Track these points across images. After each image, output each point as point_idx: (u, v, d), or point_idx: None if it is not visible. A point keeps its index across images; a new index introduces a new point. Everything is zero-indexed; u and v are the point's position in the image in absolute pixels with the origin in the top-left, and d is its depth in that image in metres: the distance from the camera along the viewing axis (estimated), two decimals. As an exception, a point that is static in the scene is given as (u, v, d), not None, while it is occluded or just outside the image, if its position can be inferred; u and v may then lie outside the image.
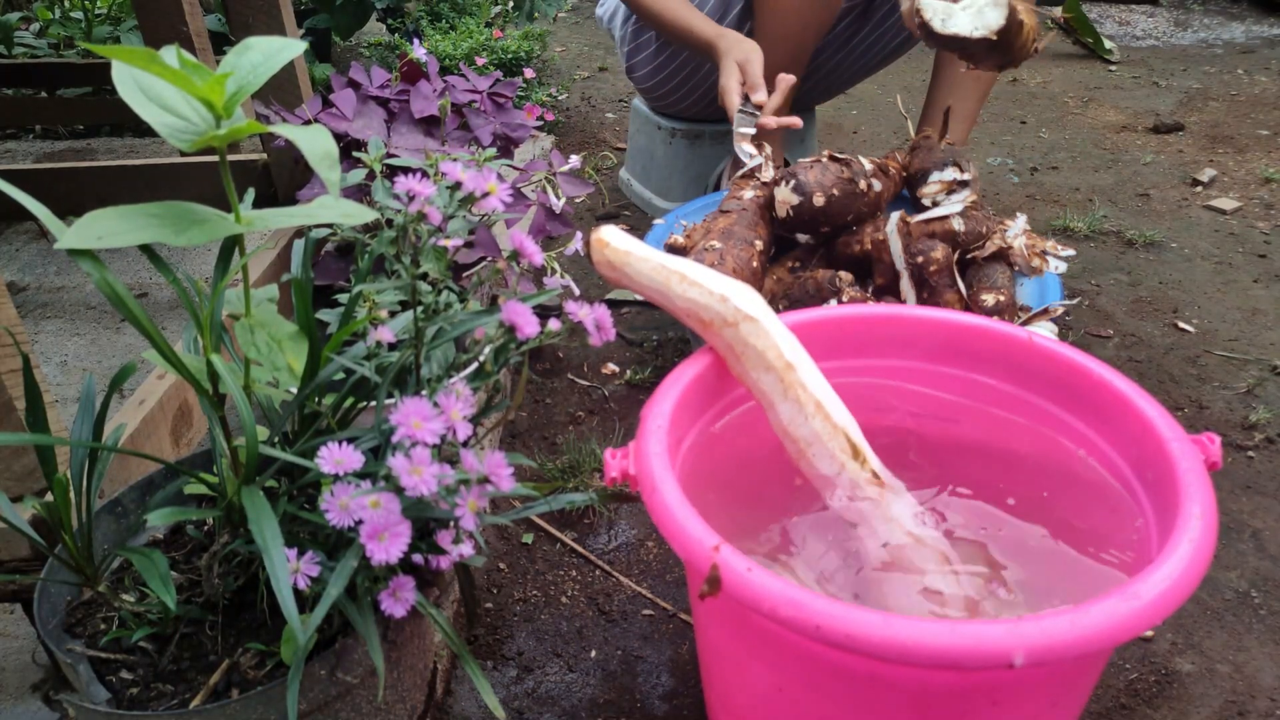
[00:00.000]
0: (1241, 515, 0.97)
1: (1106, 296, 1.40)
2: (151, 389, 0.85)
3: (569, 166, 1.10)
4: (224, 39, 2.11)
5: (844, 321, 0.74)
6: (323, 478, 0.54)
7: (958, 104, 1.32)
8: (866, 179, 1.08)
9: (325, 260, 1.02)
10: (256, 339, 0.54)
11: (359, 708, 0.61)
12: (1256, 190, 1.77)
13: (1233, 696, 0.77)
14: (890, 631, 0.44)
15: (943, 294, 1.01)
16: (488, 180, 0.57)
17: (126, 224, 0.45)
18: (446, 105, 1.07)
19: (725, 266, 1.00)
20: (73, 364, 1.25)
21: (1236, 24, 3.05)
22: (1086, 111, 2.28)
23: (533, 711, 0.77)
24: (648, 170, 1.70)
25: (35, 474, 0.69)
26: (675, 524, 0.52)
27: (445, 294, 0.61)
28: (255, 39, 0.49)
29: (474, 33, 2.33)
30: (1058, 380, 0.68)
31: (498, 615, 0.87)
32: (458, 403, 0.52)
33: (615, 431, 1.12)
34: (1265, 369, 1.21)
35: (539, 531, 0.97)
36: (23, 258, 1.54)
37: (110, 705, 0.56)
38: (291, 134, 0.46)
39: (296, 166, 1.25)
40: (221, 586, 0.60)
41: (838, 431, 0.64)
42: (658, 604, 0.88)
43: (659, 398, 0.63)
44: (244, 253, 0.52)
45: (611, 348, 1.30)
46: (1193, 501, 0.52)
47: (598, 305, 0.58)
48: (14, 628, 0.82)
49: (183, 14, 1.25)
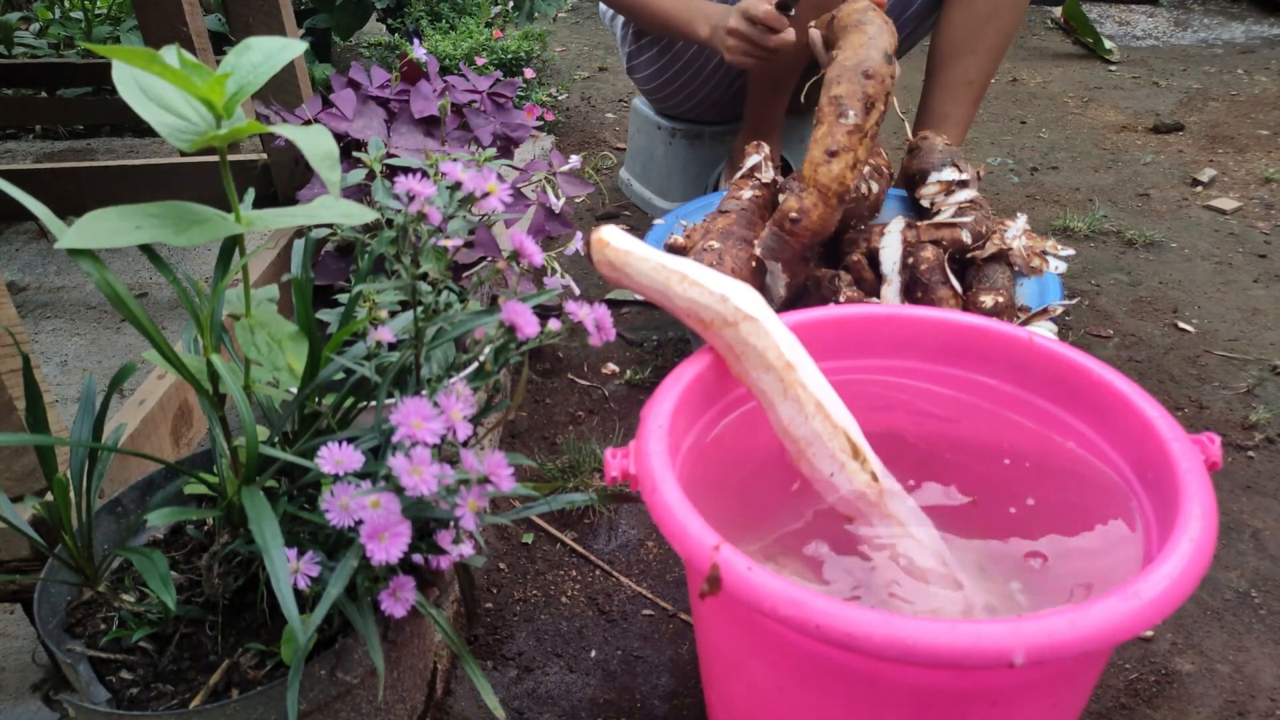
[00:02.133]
0: (1241, 515, 0.97)
1: (1106, 296, 1.40)
2: (151, 389, 0.85)
3: (569, 166, 1.10)
4: (224, 39, 2.11)
5: (844, 321, 0.74)
6: (323, 478, 0.54)
7: (952, 107, 1.31)
8: (866, 182, 1.09)
9: (325, 260, 1.02)
10: (256, 339, 0.54)
11: (359, 708, 0.61)
12: (1256, 190, 1.77)
13: (1233, 696, 0.77)
14: (890, 631, 0.44)
15: (936, 290, 1.01)
16: (488, 180, 0.57)
17: (126, 224, 0.45)
18: (446, 105, 1.07)
19: (724, 266, 1.00)
20: (73, 364, 1.25)
21: (1236, 24, 3.05)
22: (1086, 111, 2.28)
23: (533, 711, 0.77)
24: (648, 170, 1.70)
25: (35, 474, 0.69)
26: (675, 524, 0.52)
27: (445, 294, 0.61)
28: (255, 39, 0.49)
29: (474, 33, 2.33)
30: (1058, 380, 0.68)
31: (498, 615, 0.87)
32: (458, 403, 0.52)
33: (615, 431, 1.12)
34: (1265, 369, 1.21)
35: (539, 531, 0.97)
36: (23, 258, 1.54)
37: (110, 705, 0.56)
38: (291, 134, 0.46)
39: (296, 166, 1.25)
40: (221, 586, 0.60)
41: (838, 431, 0.64)
42: (658, 604, 0.88)
43: (659, 398, 0.63)
44: (244, 253, 0.52)
45: (611, 348, 1.30)
46: (1193, 501, 0.52)
47: (598, 305, 0.58)
48: (14, 628, 0.82)
49: (183, 14, 1.25)
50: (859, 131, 0.94)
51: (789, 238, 0.96)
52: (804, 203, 0.94)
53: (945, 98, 1.32)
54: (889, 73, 0.96)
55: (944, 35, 1.30)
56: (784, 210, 0.95)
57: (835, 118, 0.94)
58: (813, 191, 0.94)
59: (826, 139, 0.94)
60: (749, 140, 1.43)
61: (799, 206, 0.94)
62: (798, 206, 0.94)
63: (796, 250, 0.97)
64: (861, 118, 0.93)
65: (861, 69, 0.95)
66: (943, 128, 1.31)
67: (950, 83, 1.30)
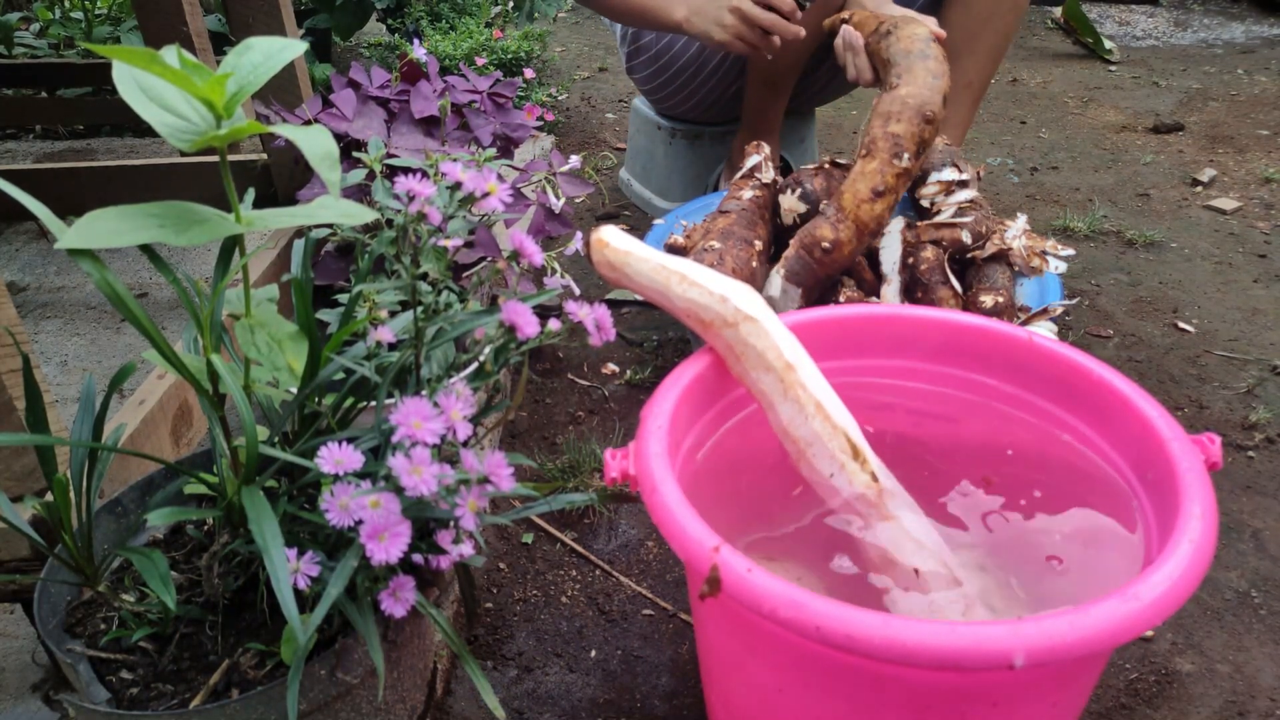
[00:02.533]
0: (1241, 515, 0.97)
1: (1106, 296, 1.40)
2: (151, 389, 0.85)
3: (569, 166, 1.10)
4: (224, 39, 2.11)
5: (844, 321, 0.74)
6: (323, 478, 0.54)
7: (951, 109, 1.31)
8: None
9: (325, 260, 1.02)
10: (256, 339, 0.54)
11: (359, 708, 0.61)
12: (1256, 190, 1.77)
13: (1233, 696, 0.77)
14: (890, 632, 0.44)
15: (936, 290, 1.01)
16: (488, 180, 0.57)
17: (126, 224, 0.45)
18: (446, 105, 1.07)
19: (725, 266, 1.00)
20: (73, 364, 1.25)
21: (1236, 24, 3.05)
22: (1086, 111, 2.28)
23: (533, 711, 0.77)
24: (648, 170, 1.70)
25: (35, 474, 0.69)
26: (675, 524, 0.52)
27: (445, 294, 0.61)
28: (255, 39, 0.49)
29: (474, 33, 2.33)
30: (1058, 380, 0.68)
31: (498, 615, 0.87)
32: (458, 403, 0.52)
33: (615, 431, 1.12)
34: (1265, 369, 1.21)
35: (539, 531, 0.97)
36: (23, 258, 1.54)
37: (110, 705, 0.56)
38: (292, 134, 0.46)
39: (296, 166, 1.25)
40: (221, 586, 0.60)
41: (837, 432, 0.64)
42: (658, 604, 0.88)
43: (659, 398, 0.63)
44: (244, 253, 0.52)
45: (611, 348, 1.30)
46: (1193, 501, 0.52)
47: (598, 305, 0.58)
48: (14, 628, 0.82)
49: (183, 14, 1.25)
50: (907, 175, 0.92)
51: (816, 265, 0.94)
52: (839, 235, 0.92)
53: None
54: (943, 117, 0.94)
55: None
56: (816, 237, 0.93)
57: (889, 157, 0.91)
58: (850, 226, 0.92)
59: (876, 177, 0.91)
60: (748, 140, 1.43)
61: (834, 239, 0.92)
62: (833, 238, 0.92)
63: (820, 278, 0.96)
64: (913, 162, 0.91)
65: (924, 112, 0.92)
66: (943, 129, 1.31)
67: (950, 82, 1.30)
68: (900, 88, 0.96)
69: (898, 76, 0.97)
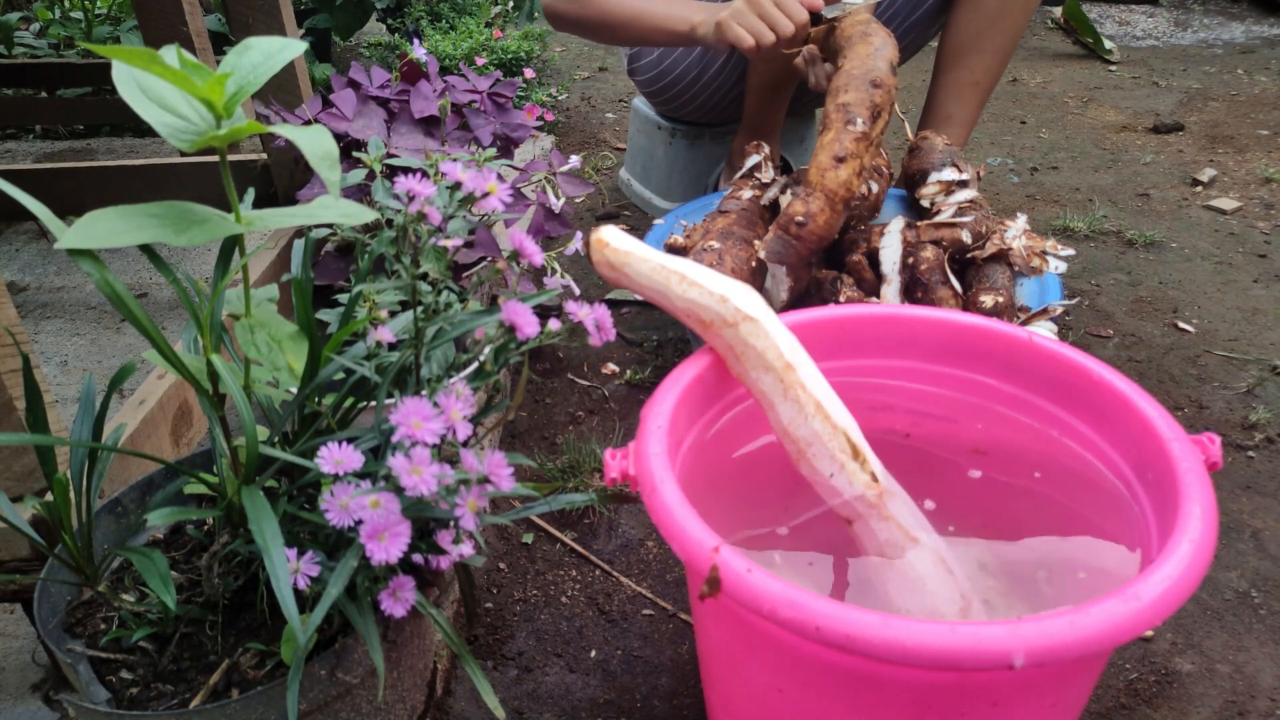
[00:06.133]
0: (1241, 515, 0.97)
1: (1106, 296, 1.40)
2: (151, 389, 0.85)
3: (569, 166, 1.10)
4: (224, 39, 2.11)
5: (844, 321, 0.74)
6: (323, 478, 0.54)
7: (957, 108, 1.32)
8: (866, 183, 1.09)
9: (325, 260, 1.02)
10: (256, 339, 0.54)
11: (359, 708, 0.61)
12: (1256, 190, 1.77)
13: (1233, 696, 0.77)
14: (890, 632, 0.44)
15: (936, 290, 1.01)
16: (488, 180, 0.57)
17: (126, 224, 0.45)
18: (446, 105, 1.07)
19: (724, 266, 1.00)
20: (73, 364, 1.25)
21: (1236, 24, 3.05)
22: (1086, 111, 2.28)
23: (533, 711, 0.77)
24: (648, 170, 1.70)
25: (35, 474, 0.69)
26: (675, 524, 0.52)
27: (445, 294, 0.61)
28: (255, 39, 0.49)
29: (474, 33, 2.33)
30: (1058, 380, 0.68)
31: (498, 615, 0.87)
32: (458, 403, 0.52)
33: (615, 431, 1.12)
34: (1265, 369, 1.21)
35: (539, 531, 0.97)
36: (23, 258, 1.54)
37: (110, 705, 0.56)
38: (292, 134, 0.46)
39: (296, 166, 1.25)
40: (221, 586, 0.60)
41: (837, 432, 0.64)
42: (658, 604, 0.88)
43: (659, 398, 0.63)
44: (244, 253, 0.52)
45: (611, 348, 1.30)
46: (1193, 501, 0.52)
47: (598, 305, 0.58)
48: (14, 628, 0.82)
49: (183, 14, 1.25)
50: (865, 139, 0.94)
51: (795, 241, 0.96)
52: (810, 206, 0.94)
53: (950, 98, 1.32)
54: (894, 83, 0.97)
55: (952, 36, 1.30)
56: (789, 214, 0.95)
57: (843, 124, 0.94)
58: (819, 196, 0.94)
59: (834, 145, 0.94)
60: (748, 140, 1.43)
61: (805, 210, 0.94)
62: (804, 210, 0.94)
63: (803, 255, 0.97)
64: (869, 125, 0.94)
65: (869, 78, 0.96)
66: (947, 128, 1.31)
67: (956, 83, 1.30)
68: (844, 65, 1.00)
69: (843, 59, 1.02)
